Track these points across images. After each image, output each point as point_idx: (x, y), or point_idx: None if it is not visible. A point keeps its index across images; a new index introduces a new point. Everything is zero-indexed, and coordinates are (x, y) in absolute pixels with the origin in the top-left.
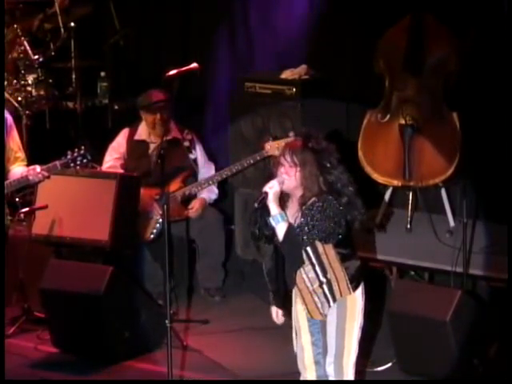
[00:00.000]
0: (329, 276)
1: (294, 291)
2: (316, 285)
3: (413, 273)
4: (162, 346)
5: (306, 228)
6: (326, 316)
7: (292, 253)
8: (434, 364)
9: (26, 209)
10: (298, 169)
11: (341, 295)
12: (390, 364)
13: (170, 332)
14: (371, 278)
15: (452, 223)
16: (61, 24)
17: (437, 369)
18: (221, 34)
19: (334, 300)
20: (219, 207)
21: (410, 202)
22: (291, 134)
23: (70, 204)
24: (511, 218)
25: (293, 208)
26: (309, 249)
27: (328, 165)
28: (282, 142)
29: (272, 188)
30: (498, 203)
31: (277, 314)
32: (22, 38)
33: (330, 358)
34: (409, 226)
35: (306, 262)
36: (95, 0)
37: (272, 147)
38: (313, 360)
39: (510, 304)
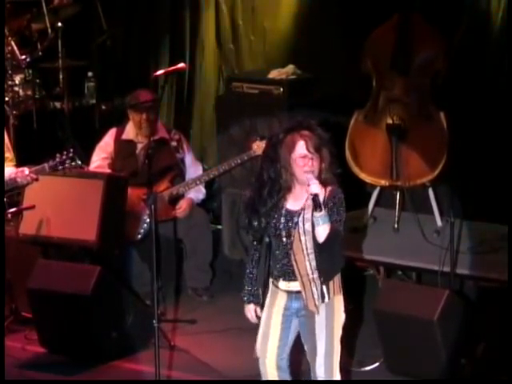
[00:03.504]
0: None
1: (271, 293)
2: (316, 275)
3: (400, 272)
4: (150, 345)
5: (339, 222)
6: (317, 310)
7: (334, 251)
8: (422, 363)
9: (14, 209)
10: (319, 158)
11: (334, 294)
12: (377, 364)
13: (157, 332)
14: (358, 277)
15: (439, 223)
16: (48, 24)
17: (424, 368)
18: (208, 33)
19: (328, 297)
20: (207, 207)
21: (398, 201)
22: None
23: (57, 204)
24: (511, 217)
25: (298, 197)
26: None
27: (331, 149)
28: None
29: (322, 189)
30: (485, 203)
31: (255, 312)
32: (9, 38)
33: (319, 360)
34: (396, 226)
35: (311, 249)
36: (82, 0)
37: (259, 147)
38: (275, 365)
39: (510, 304)
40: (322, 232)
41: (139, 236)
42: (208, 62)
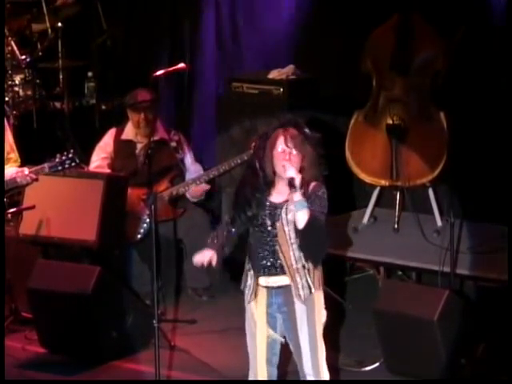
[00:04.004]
0: (309, 264)
1: (253, 290)
2: (300, 265)
3: (400, 272)
4: (150, 345)
5: (322, 213)
6: (303, 301)
7: (315, 238)
8: (422, 364)
9: (14, 209)
10: (300, 154)
11: (314, 289)
12: (377, 364)
13: (157, 332)
14: (358, 277)
15: (439, 223)
16: (48, 24)
17: (424, 368)
18: (208, 34)
19: (310, 290)
20: (206, 207)
21: (398, 201)
22: None
23: (57, 204)
24: (511, 217)
25: (280, 191)
26: None
27: (321, 153)
28: None
29: (298, 175)
30: (485, 203)
31: (210, 258)
32: (10, 38)
33: (306, 357)
34: (396, 226)
35: (294, 239)
36: (83, 0)
37: None
38: (265, 361)
39: (510, 304)
40: (302, 217)
41: (139, 236)
42: (208, 62)
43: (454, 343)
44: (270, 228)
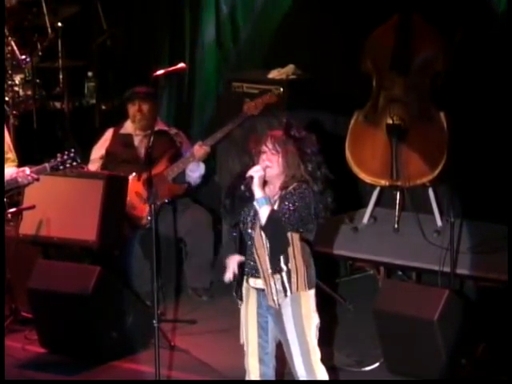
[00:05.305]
0: (290, 266)
1: (246, 289)
2: (276, 269)
3: (400, 272)
4: (150, 346)
5: (287, 213)
6: (278, 306)
7: (275, 236)
8: (422, 364)
9: (14, 209)
10: (281, 156)
11: (297, 289)
12: (377, 364)
13: (157, 332)
14: (359, 277)
15: (439, 223)
16: (48, 24)
17: (424, 368)
18: (208, 33)
19: (291, 291)
20: (207, 207)
21: (398, 201)
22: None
23: (57, 204)
24: (511, 217)
25: (271, 195)
26: None
27: (309, 152)
28: (259, 100)
29: (257, 172)
30: (485, 203)
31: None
32: (9, 38)
33: (297, 359)
34: (396, 226)
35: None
36: (82, 0)
37: (250, 107)
38: (257, 359)
39: (510, 304)
40: (262, 213)
41: (149, 218)
42: (208, 62)
43: (454, 343)
44: (250, 231)
